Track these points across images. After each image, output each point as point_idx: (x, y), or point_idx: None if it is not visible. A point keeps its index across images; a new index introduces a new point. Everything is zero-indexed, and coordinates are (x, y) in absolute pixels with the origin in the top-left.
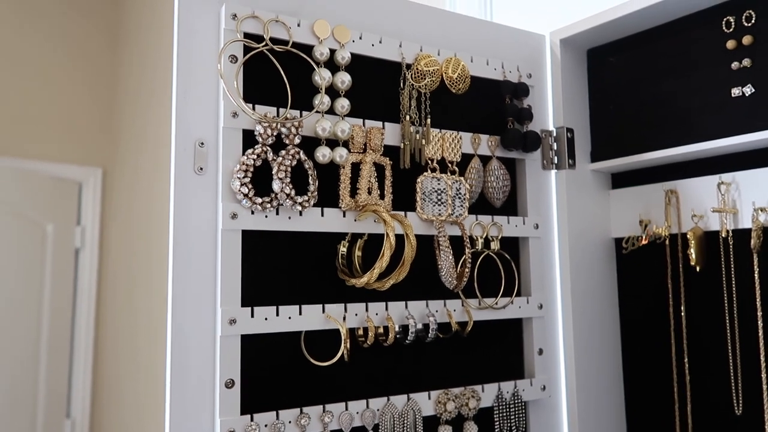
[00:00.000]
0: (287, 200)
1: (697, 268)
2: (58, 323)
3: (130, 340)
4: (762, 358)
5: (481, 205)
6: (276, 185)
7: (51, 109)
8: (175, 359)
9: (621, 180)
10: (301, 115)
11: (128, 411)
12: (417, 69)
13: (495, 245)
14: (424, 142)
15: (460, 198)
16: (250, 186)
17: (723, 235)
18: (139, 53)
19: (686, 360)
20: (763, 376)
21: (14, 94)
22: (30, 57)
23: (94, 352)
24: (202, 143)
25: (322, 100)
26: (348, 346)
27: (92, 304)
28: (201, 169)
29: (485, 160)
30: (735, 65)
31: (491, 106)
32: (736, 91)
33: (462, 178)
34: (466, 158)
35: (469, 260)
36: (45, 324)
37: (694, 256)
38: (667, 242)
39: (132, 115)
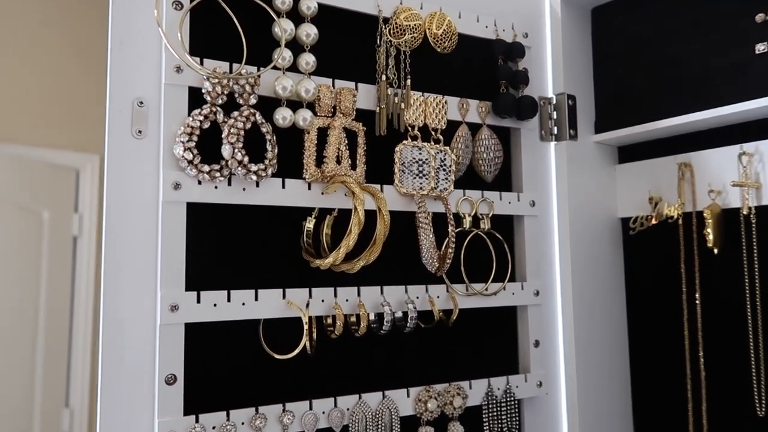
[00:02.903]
0: (239, 168)
1: (715, 251)
2: (56, 312)
3: None
4: None
5: (469, 179)
6: (226, 150)
7: (47, 95)
8: (108, 351)
9: (628, 153)
10: (258, 71)
11: None
12: (396, 23)
13: (485, 224)
14: (403, 106)
15: (444, 170)
16: (195, 152)
17: (744, 213)
18: None
19: (701, 354)
20: None
21: (9, 80)
22: (26, 42)
23: (92, 341)
24: (141, 102)
25: (282, 54)
26: (314, 336)
27: (91, 293)
28: (140, 132)
29: (474, 128)
30: (760, 17)
31: (482, 68)
32: (761, 47)
33: (447, 148)
34: (453, 126)
35: (453, 240)
36: (43, 313)
37: (711, 236)
38: (680, 222)
39: None
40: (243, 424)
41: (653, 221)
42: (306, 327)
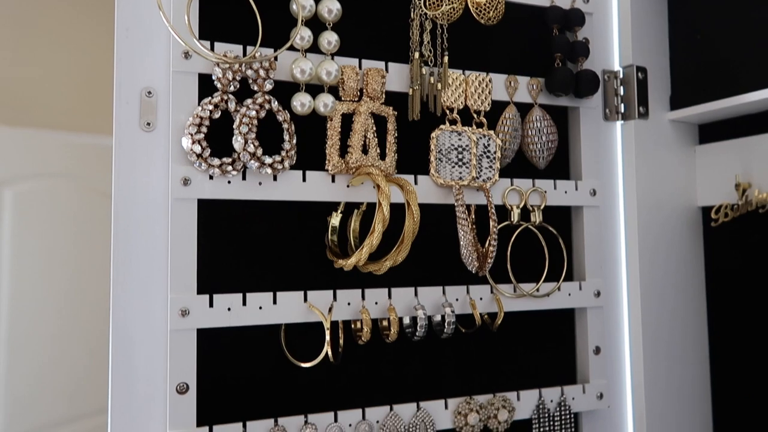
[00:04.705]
0: (252, 161)
1: None
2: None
3: None
4: None
5: (519, 167)
6: (237, 142)
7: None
8: (118, 358)
9: (711, 132)
10: (274, 54)
11: None
12: None
13: (536, 217)
14: (440, 86)
15: (488, 157)
16: (204, 144)
17: None
18: None
19: None
20: None
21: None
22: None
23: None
24: (150, 92)
25: (300, 34)
26: (340, 342)
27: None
28: (148, 124)
29: (524, 109)
30: None
31: (533, 40)
32: None
33: (492, 132)
34: (498, 107)
35: (495, 236)
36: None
37: None
38: None
39: None
40: None
41: (741, 211)
42: (328, 333)
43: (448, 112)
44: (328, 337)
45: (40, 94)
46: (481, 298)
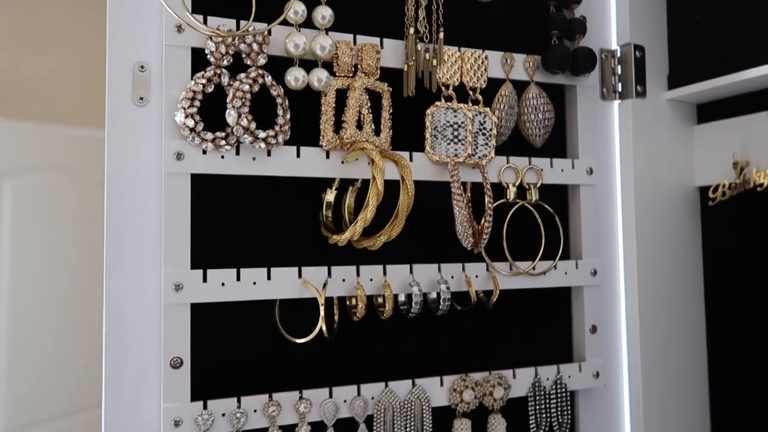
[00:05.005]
0: (245, 135)
1: None
2: None
3: None
4: None
5: (515, 145)
6: (230, 116)
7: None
8: (111, 333)
9: (709, 111)
10: (267, 28)
11: None
12: None
13: (532, 195)
14: (435, 63)
15: (484, 134)
16: (197, 118)
17: None
18: None
19: None
20: None
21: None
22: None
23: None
24: (143, 67)
25: (294, 8)
26: (336, 318)
27: None
28: (141, 99)
29: (520, 86)
30: None
31: (529, 17)
32: None
33: (488, 110)
34: (494, 85)
35: (491, 213)
36: None
37: None
38: None
39: None
40: (255, 411)
41: (739, 189)
42: (322, 308)
43: (443, 88)
44: (322, 313)
45: (39, 88)
46: (476, 276)
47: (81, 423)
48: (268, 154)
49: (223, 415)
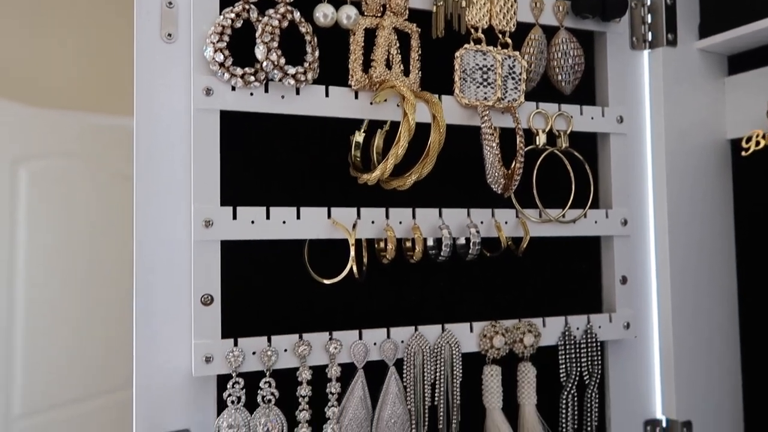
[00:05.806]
0: (275, 70)
1: None
2: None
3: None
4: None
5: (544, 91)
6: (259, 51)
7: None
8: (141, 269)
9: (741, 62)
10: None
11: None
12: None
13: (562, 142)
14: (464, 4)
15: (513, 78)
16: (226, 53)
17: None
18: None
19: None
20: None
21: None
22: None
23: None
24: (170, 3)
25: None
26: (365, 261)
27: None
28: (169, 35)
29: (550, 31)
30: None
31: None
32: None
33: (517, 53)
34: (524, 29)
35: (522, 156)
36: None
37: None
38: None
39: None
40: (285, 351)
41: None
42: (353, 248)
43: (472, 31)
44: (352, 253)
45: (57, 74)
46: (506, 222)
47: (98, 407)
48: (297, 92)
49: (254, 353)
